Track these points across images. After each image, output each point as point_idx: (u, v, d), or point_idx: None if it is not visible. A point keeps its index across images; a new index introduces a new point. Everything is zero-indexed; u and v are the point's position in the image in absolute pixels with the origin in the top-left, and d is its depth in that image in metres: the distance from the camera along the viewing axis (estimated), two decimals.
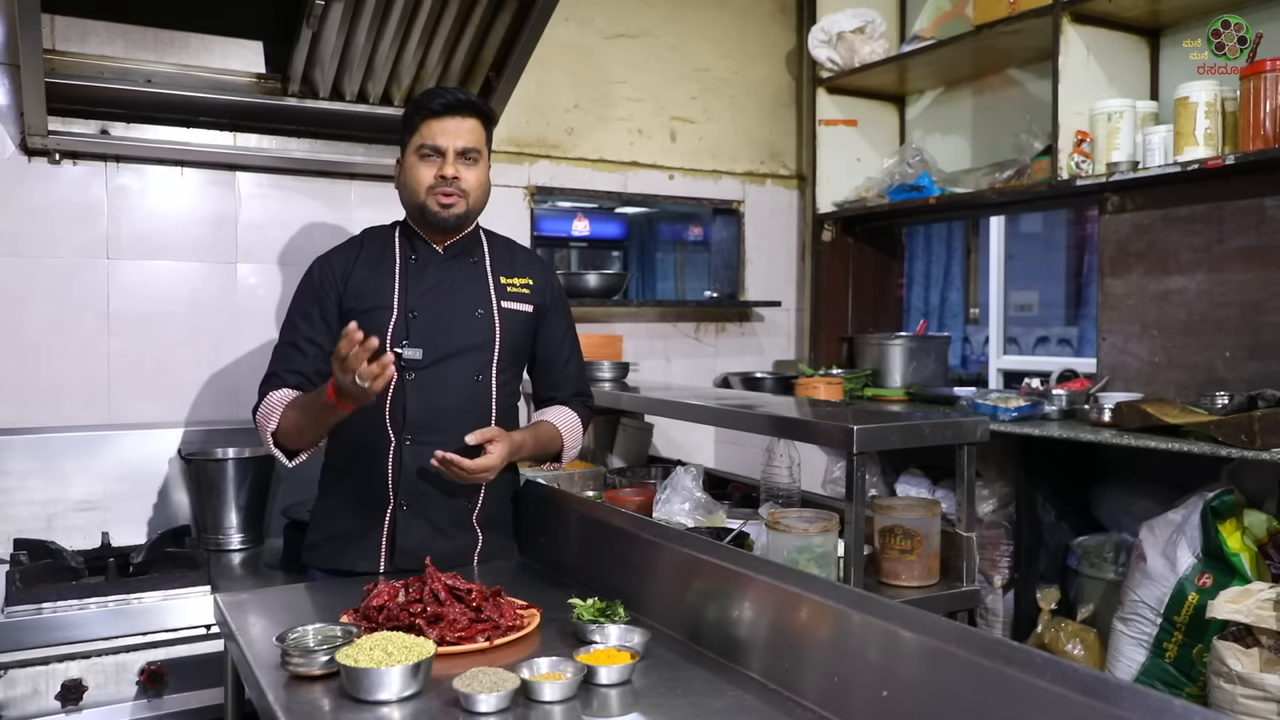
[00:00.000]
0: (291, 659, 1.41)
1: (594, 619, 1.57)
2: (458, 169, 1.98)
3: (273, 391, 1.97)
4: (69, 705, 2.08)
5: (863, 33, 3.55)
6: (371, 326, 1.92)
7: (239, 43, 2.76)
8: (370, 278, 2.03)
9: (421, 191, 1.98)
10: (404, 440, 1.98)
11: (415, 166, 1.99)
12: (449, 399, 2.00)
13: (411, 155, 2.00)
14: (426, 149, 1.97)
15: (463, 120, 1.98)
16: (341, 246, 2.13)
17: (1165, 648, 2.35)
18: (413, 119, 2.00)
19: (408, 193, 2.02)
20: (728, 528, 2.21)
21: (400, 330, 1.99)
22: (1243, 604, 2.09)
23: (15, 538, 2.48)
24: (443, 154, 1.97)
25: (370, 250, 2.08)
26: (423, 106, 1.99)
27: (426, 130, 1.97)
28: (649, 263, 7.33)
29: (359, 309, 1.98)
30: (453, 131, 1.97)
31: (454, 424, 1.97)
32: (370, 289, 2.02)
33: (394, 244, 2.08)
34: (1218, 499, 2.29)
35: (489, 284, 2.09)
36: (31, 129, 2.54)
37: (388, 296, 2.01)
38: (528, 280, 2.13)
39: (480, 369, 2.03)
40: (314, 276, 2.06)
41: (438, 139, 1.97)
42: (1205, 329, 2.72)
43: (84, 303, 2.73)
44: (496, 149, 3.31)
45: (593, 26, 3.53)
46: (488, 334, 2.04)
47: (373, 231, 2.15)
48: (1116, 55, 2.90)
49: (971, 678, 1.10)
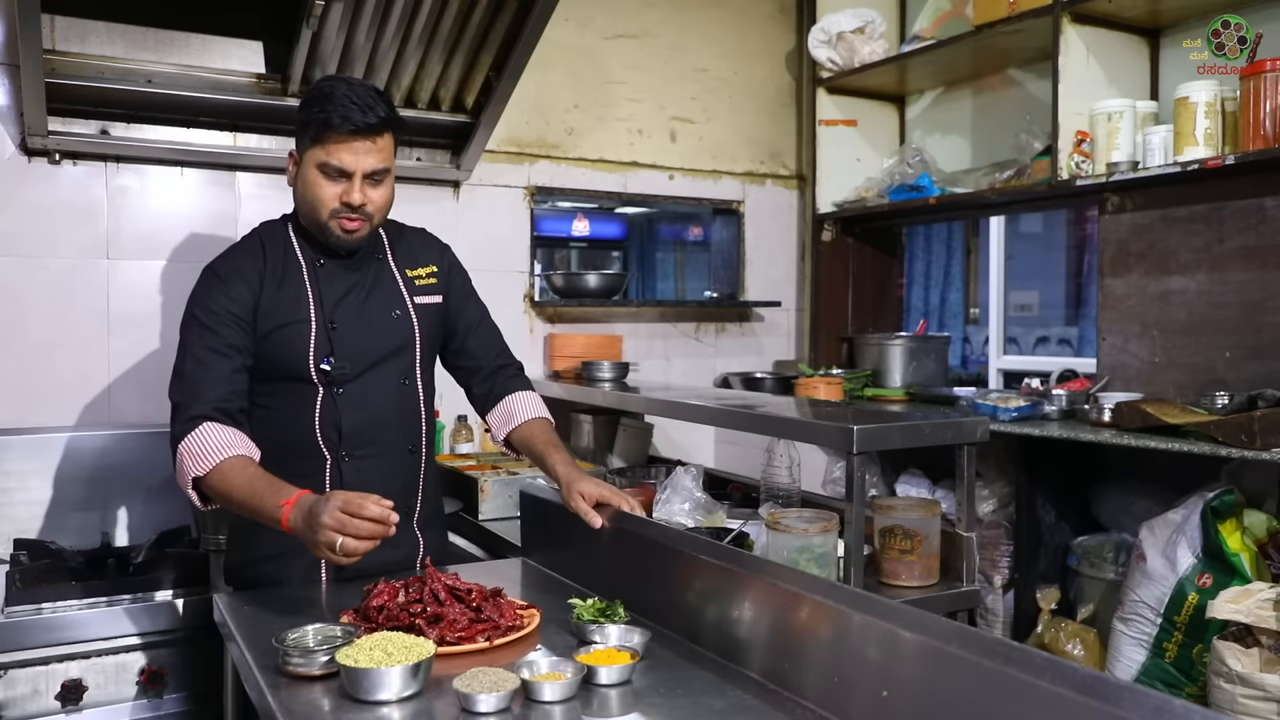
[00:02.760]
0: (291, 659, 1.41)
1: (594, 619, 1.57)
2: (365, 192, 1.81)
3: (207, 424, 1.72)
4: (69, 705, 2.08)
5: (863, 33, 3.55)
6: (290, 343, 1.84)
7: (239, 43, 2.76)
8: (282, 287, 1.86)
9: (324, 212, 1.81)
10: (340, 456, 1.88)
11: (317, 183, 1.80)
12: (380, 408, 1.91)
13: (311, 167, 1.80)
14: (331, 170, 1.78)
15: (374, 140, 1.79)
16: (241, 249, 1.91)
17: (1165, 648, 2.35)
18: (317, 130, 1.77)
19: (307, 207, 1.84)
20: (728, 528, 2.21)
21: (322, 344, 1.85)
22: (1243, 604, 2.09)
23: (15, 537, 2.49)
24: (348, 177, 1.79)
25: (273, 255, 1.89)
26: (329, 125, 1.75)
27: (333, 149, 1.77)
28: (649, 263, 7.34)
29: (273, 324, 1.83)
30: (362, 152, 1.78)
31: (388, 433, 1.93)
32: (284, 301, 1.85)
33: (294, 246, 1.90)
34: (1218, 499, 2.29)
35: (399, 282, 1.97)
36: (32, 129, 2.54)
37: (303, 308, 1.86)
38: (431, 269, 2.03)
39: (405, 372, 1.95)
40: (224, 279, 1.84)
41: (344, 160, 1.77)
42: (1205, 329, 2.72)
43: (84, 303, 2.73)
44: (496, 149, 3.31)
45: (592, 27, 3.53)
46: (408, 335, 1.95)
47: (269, 230, 1.94)
48: (1116, 55, 2.89)
49: (971, 678, 1.10)
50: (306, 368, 1.85)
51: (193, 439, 1.71)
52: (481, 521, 2.70)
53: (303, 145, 1.83)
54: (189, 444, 1.71)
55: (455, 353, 2.10)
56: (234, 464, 1.69)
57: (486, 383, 2.11)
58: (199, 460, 1.69)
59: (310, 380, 1.85)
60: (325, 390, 1.87)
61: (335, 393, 1.87)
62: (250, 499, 1.63)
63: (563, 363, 3.33)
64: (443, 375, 2.11)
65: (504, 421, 2.08)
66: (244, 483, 1.66)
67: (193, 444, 1.71)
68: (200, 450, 1.70)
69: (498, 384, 2.10)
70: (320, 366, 1.85)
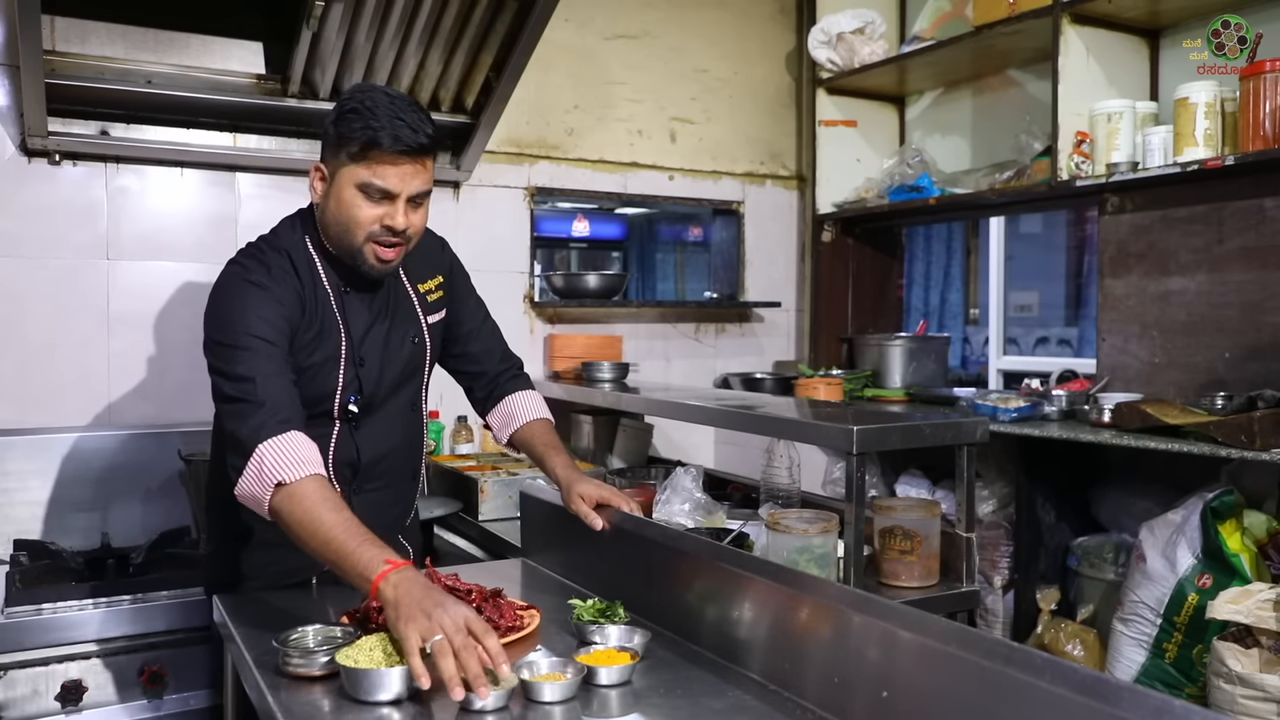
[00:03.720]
0: (291, 660, 1.41)
1: (594, 620, 1.57)
2: (408, 216, 1.67)
3: (295, 433, 1.55)
4: (69, 706, 2.08)
5: (862, 33, 3.55)
6: (323, 381, 1.74)
7: (239, 43, 2.76)
8: (314, 320, 1.73)
9: (360, 235, 1.67)
10: (351, 491, 1.82)
11: (355, 204, 1.65)
12: (392, 439, 1.86)
13: (349, 185, 1.64)
14: (374, 190, 1.64)
15: (423, 163, 1.66)
16: (278, 268, 1.71)
17: (1165, 648, 2.35)
18: (362, 148, 1.62)
19: (339, 226, 1.68)
20: (728, 528, 2.21)
21: (350, 383, 1.76)
22: (1242, 604, 2.09)
23: (15, 538, 2.49)
24: (392, 199, 1.65)
25: (305, 281, 1.73)
26: (376, 144, 1.60)
27: (379, 169, 1.62)
28: (649, 263, 7.34)
29: (306, 361, 1.70)
30: (409, 175, 1.64)
31: (398, 463, 1.90)
32: (317, 336, 1.72)
33: (319, 272, 1.75)
34: (1217, 499, 2.29)
35: (413, 301, 1.88)
36: (31, 130, 2.54)
37: (334, 345, 1.74)
38: (438, 279, 1.93)
39: (413, 397, 1.91)
40: (275, 297, 1.67)
41: (390, 183, 1.63)
42: (1205, 329, 2.72)
43: (84, 303, 2.73)
44: (496, 149, 3.31)
45: (593, 27, 3.53)
46: (421, 359, 1.90)
47: (294, 248, 1.75)
48: (1116, 56, 2.90)
49: (971, 678, 1.10)
50: (332, 406, 1.77)
51: (279, 442, 1.53)
52: (481, 522, 2.70)
53: (338, 160, 1.66)
54: (274, 446, 1.52)
55: (457, 356, 2.06)
56: (324, 489, 1.53)
57: (488, 386, 2.08)
58: (285, 467, 1.51)
59: (331, 416, 1.79)
60: (343, 425, 1.80)
61: (353, 428, 1.81)
62: (340, 535, 1.45)
63: (563, 363, 3.33)
64: (441, 375, 2.08)
65: (505, 423, 2.05)
66: (336, 519, 1.47)
67: (279, 446, 1.53)
68: (289, 457, 1.52)
69: (499, 386, 2.08)
70: (347, 406, 1.78)
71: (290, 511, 1.50)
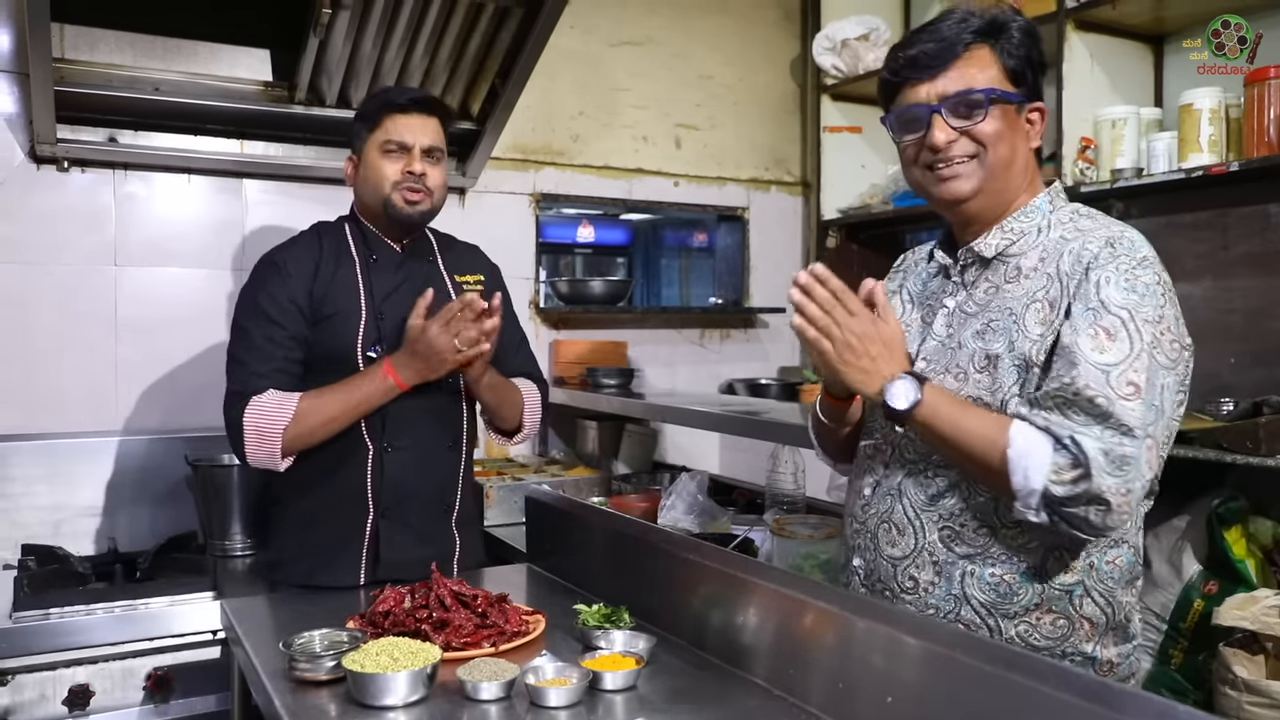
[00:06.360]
0: (298, 664, 1.42)
1: (599, 625, 1.57)
2: (425, 166, 1.95)
3: (271, 391, 1.84)
4: (76, 710, 2.09)
5: (867, 39, 3.56)
6: (340, 331, 1.93)
7: (246, 51, 2.78)
8: (335, 278, 1.97)
9: (386, 186, 1.94)
10: (384, 447, 1.94)
11: (379, 162, 1.95)
12: (425, 399, 1.95)
13: (374, 150, 1.95)
14: (392, 145, 1.94)
15: (428, 119, 1.97)
16: (300, 241, 2.03)
17: (1171, 655, 2.34)
18: (375, 115, 1.96)
19: (370, 188, 1.97)
20: (733, 534, 2.21)
21: (370, 333, 1.94)
22: (1249, 611, 2.08)
23: (23, 543, 2.50)
24: (408, 150, 1.94)
25: (329, 248, 2.00)
26: (388, 103, 1.96)
27: (392, 126, 1.94)
28: (654, 269, 7.32)
29: (325, 312, 1.93)
30: (419, 128, 1.95)
31: (432, 425, 1.97)
32: (336, 290, 1.95)
33: (348, 242, 2.02)
34: (1223, 505, 2.29)
35: (447, 283, 2.06)
36: (40, 137, 2.56)
37: (354, 299, 1.96)
38: (479, 277, 2.12)
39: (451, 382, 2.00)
40: (283, 270, 1.95)
41: (404, 135, 1.94)
42: (1210, 335, 2.71)
43: (91, 309, 2.74)
44: (502, 156, 3.32)
45: (597, 34, 3.54)
46: None
47: (326, 227, 2.06)
48: (1120, 62, 2.90)
49: (976, 683, 1.10)
50: (355, 355, 1.91)
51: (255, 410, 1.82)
52: (487, 527, 2.71)
53: (362, 140, 1.97)
54: (257, 417, 1.82)
55: None
56: (308, 398, 1.85)
57: None
58: (274, 422, 1.82)
59: (356, 369, 1.91)
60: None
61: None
62: (348, 394, 1.85)
63: (568, 369, 3.33)
64: None
65: None
66: (333, 396, 1.85)
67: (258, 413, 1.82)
68: (270, 414, 1.82)
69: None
70: (367, 354, 1.92)
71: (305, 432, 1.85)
